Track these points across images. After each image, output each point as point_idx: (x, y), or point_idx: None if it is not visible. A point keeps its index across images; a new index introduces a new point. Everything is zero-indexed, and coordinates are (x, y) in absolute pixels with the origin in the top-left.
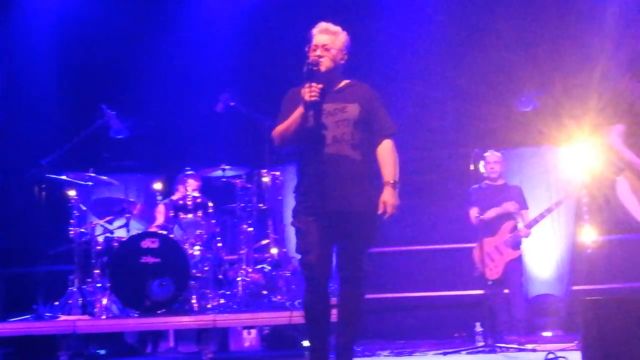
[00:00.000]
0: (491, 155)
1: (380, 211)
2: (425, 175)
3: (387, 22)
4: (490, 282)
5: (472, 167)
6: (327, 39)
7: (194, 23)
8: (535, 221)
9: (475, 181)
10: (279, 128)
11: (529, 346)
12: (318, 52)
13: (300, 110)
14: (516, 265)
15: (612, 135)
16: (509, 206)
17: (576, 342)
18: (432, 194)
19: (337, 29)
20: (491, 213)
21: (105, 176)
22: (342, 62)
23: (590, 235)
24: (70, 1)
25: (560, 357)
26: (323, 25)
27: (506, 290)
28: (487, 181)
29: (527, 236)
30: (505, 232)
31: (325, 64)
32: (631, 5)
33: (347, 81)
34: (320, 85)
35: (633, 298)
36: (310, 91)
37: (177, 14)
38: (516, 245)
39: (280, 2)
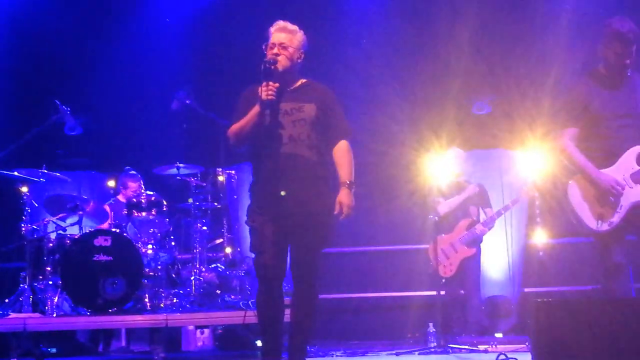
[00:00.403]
0: (452, 154)
1: (336, 212)
2: (379, 176)
3: (342, 23)
4: (443, 280)
5: (428, 170)
6: (285, 37)
7: (150, 20)
8: (492, 219)
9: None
10: (235, 126)
11: (481, 347)
12: (275, 50)
13: (256, 109)
14: (472, 264)
15: (564, 138)
16: (470, 189)
17: (527, 343)
18: (386, 195)
19: (295, 27)
20: (455, 201)
21: (58, 173)
22: (299, 61)
23: (541, 238)
24: None
25: (511, 358)
26: (281, 23)
27: (462, 292)
28: (449, 178)
29: (483, 233)
30: (462, 229)
31: (282, 62)
32: (585, 8)
33: (304, 80)
34: (277, 84)
35: (581, 300)
36: (266, 90)
37: (134, 10)
38: (472, 243)
39: (237, 1)
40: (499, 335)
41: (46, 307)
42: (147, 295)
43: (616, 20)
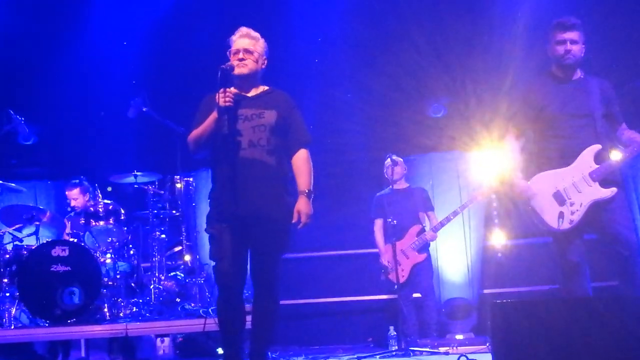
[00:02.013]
0: (391, 162)
1: (294, 220)
2: (335, 180)
3: (296, 25)
4: (396, 286)
5: (386, 174)
6: (249, 43)
7: (105, 27)
8: (441, 224)
9: (386, 187)
10: (194, 133)
11: (442, 349)
12: (240, 55)
13: (214, 115)
14: (424, 269)
15: (513, 144)
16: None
17: (487, 344)
18: (342, 199)
19: (257, 34)
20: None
21: (13, 183)
22: (263, 67)
23: (499, 240)
24: None
25: (472, 359)
26: (244, 30)
27: (417, 294)
28: (391, 186)
29: (433, 239)
30: (412, 235)
31: (249, 66)
32: (541, 9)
33: (266, 88)
34: (235, 90)
35: (539, 300)
36: (224, 96)
37: (87, 17)
38: (422, 248)
39: (192, 8)
40: (459, 337)
41: (3, 320)
42: (106, 305)
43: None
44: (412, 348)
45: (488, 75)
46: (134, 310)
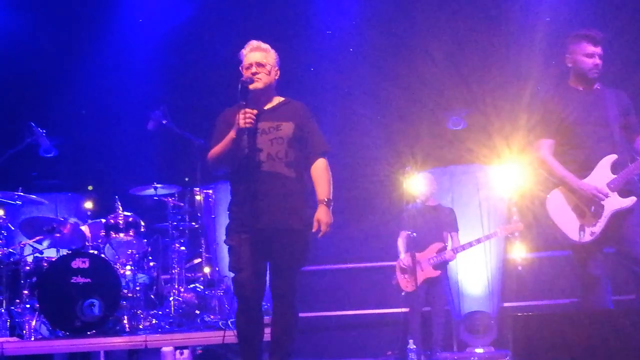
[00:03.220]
0: (422, 178)
1: (314, 229)
2: (353, 192)
3: (315, 38)
4: (403, 294)
5: (404, 187)
6: (261, 56)
7: (124, 40)
8: (463, 248)
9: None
10: (213, 151)
11: None
12: (253, 69)
13: (232, 134)
14: (436, 285)
15: (542, 149)
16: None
17: (507, 357)
18: (362, 212)
19: (268, 46)
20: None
21: (34, 195)
22: (276, 78)
23: (520, 253)
24: None
25: None
26: (254, 43)
27: (427, 308)
28: (419, 200)
29: (451, 259)
30: (432, 251)
31: (263, 80)
32: (560, 21)
33: (282, 99)
34: (255, 111)
35: (560, 314)
36: (244, 117)
37: (108, 30)
38: (439, 266)
39: (210, 22)
40: (479, 350)
41: (24, 331)
42: (125, 317)
43: (581, 29)
44: None
45: (507, 87)
46: (154, 322)
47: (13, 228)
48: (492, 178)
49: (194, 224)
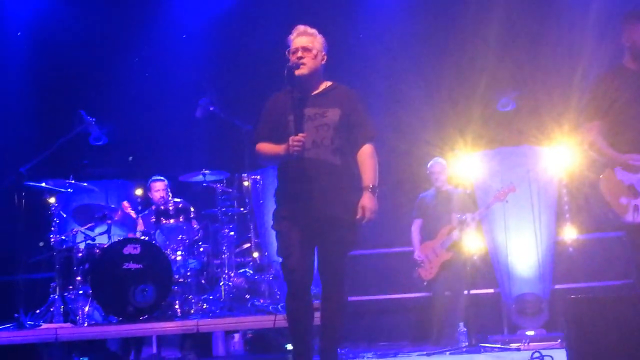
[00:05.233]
0: (434, 164)
1: (358, 216)
2: (403, 176)
3: (363, 22)
4: (425, 283)
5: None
6: (307, 41)
7: (171, 28)
8: (467, 224)
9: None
10: (261, 151)
11: (513, 345)
12: (299, 54)
13: (281, 151)
14: (451, 267)
15: (593, 132)
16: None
17: (559, 340)
18: (409, 195)
19: (314, 31)
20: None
21: (85, 183)
22: (322, 62)
23: (571, 234)
24: (46, 6)
25: (546, 355)
26: (301, 28)
27: (448, 293)
28: (434, 187)
29: (458, 238)
30: (443, 234)
31: (308, 65)
32: (611, 2)
33: (329, 83)
34: (304, 135)
35: (613, 297)
36: (293, 144)
37: (155, 18)
38: (450, 247)
39: (255, 7)
40: (530, 333)
41: (77, 317)
42: (177, 302)
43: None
44: (482, 344)
45: (557, 68)
46: (205, 307)
47: (65, 215)
48: (542, 159)
49: (242, 209)
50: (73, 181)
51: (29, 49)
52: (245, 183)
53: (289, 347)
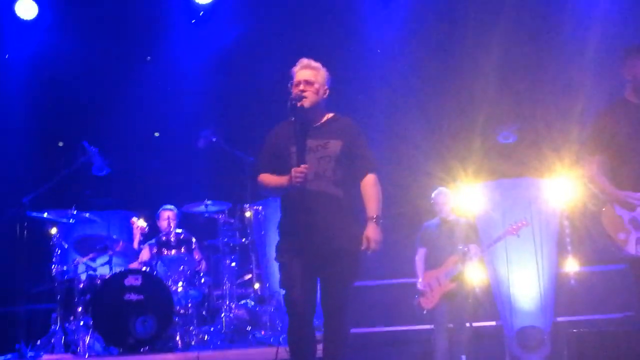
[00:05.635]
0: (439, 194)
1: (363, 247)
2: (405, 208)
3: (365, 54)
4: (425, 312)
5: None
6: (310, 74)
7: (174, 60)
8: (470, 257)
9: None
10: (263, 182)
11: None
12: (301, 87)
13: (283, 182)
14: (455, 300)
15: (592, 166)
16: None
17: None
18: (412, 227)
19: (318, 65)
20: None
21: (87, 213)
22: (324, 96)
23: (573, 267)
24: (48, 39)
25: None
26: (304, 61)
27: (450, 325)
28: (439, 216)
29: (461, 270)
30: (449, 265)
31: (310, 98)
32: (612, 36)
33: (330, 115)
34: (307, 166)
35: (616, 331)
36: (295, 175)
37: (158, 50)
38: (454, 278)
39: (258, 40)
40: None
41: (78, 348)
42: (178, 333)
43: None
44: None
45: (557, 101)
46: (206, 338)
47: (66, 246)
48: (543, 192)
49: (244, 240)
50: (75, 212)
51: (32, 80)
52: (247, 214)
53: None
